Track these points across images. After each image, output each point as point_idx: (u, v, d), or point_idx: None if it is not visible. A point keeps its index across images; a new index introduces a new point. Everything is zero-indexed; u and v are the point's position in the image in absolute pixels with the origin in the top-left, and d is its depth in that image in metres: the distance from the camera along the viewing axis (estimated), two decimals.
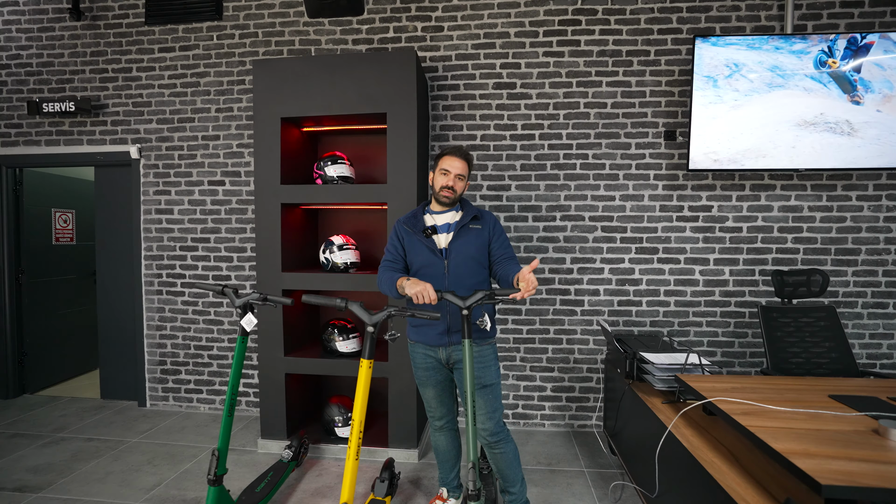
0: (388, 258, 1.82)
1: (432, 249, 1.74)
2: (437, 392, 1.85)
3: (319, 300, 1.30)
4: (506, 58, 2.78)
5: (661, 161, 2.71)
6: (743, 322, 2.72)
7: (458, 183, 1.75)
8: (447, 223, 1.80)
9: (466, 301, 1.51)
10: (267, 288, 2.48)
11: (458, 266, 1.73)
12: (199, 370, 3.11)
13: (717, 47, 2.45)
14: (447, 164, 1.76)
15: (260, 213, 2.48)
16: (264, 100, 2.45)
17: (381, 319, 1.35)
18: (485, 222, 1.80)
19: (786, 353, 2.15)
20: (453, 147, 1.79)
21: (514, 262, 1.76)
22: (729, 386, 1.69)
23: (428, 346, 1.80)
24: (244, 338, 1.67)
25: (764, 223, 2.68)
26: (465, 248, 1.75)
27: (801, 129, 2.46)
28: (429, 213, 1.85)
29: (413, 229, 1.78)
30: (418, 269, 1.77)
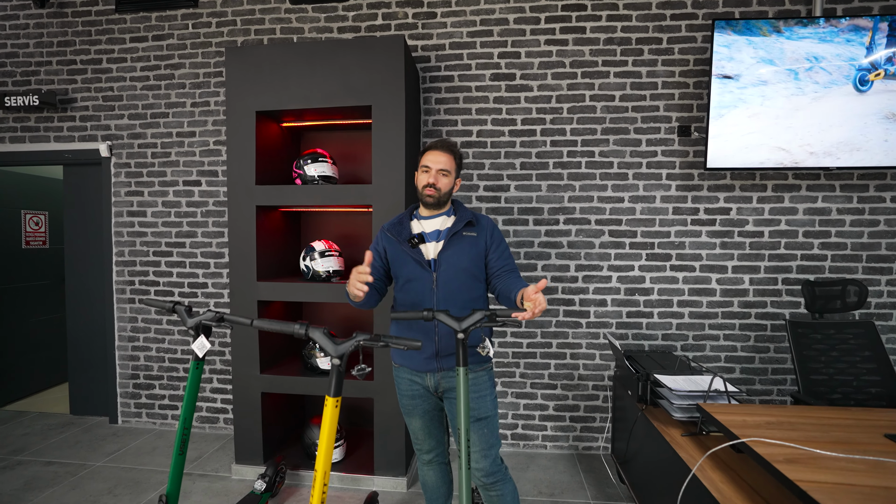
0: None
1: (419, 261, 1.51)
2: (425, 423, 1.61)
3: (273, 326, 1.07)
4: (504, 46, 2.54)
5: (675, 159, 2.47)
6: (764, 336, 2.48)
7: (441, 179, 1.52)
8: (436, 230, 1.56)
9: (462, 322, 1.28)
10: (241, 299, 2.25)
11: (449, 280, 1.50)
12: (174, 385, 2.89)
13: (742, 37, 2.21)
14: (428, 159, 1.53)
15: (233, 217, 2.25)
16: (238, 92, 2.23)
17: (347, 351, 1.11)
18: (481, 228, 1.56)
19: (819, 375, 1.91)
20: (435, 140, 1.55)
21: (516, 276, 1.53)
22: (762, 419, 1.46)
23: (413, 371, 1.56)
24: (198, 363, 1.43)
25: (788, 227, 2.43)
26: (458, 259, 1.51)
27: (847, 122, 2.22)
28: (416, 219, 1.61)
29: (398, 237, 1.55)
30: (404, 283, 1.53)
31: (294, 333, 1.09)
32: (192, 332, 1.40)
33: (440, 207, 1.57)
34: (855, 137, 2.21)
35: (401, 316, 1.29)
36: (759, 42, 2.21)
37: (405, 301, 1.53)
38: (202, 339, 1.39)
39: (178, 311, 1.42)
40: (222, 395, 2.85)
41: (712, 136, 2.28)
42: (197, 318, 1.40)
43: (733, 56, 2.23)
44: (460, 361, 1.29)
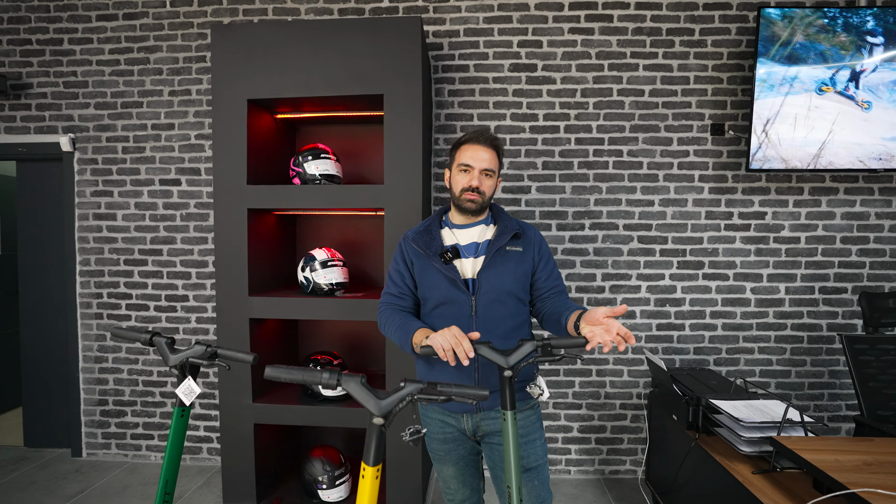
0: (390, 290, 1.34)
1: (454, 280, 1.24)
2: (459, 470, 1.35)
3: (292, 375, 0.78)
4: (524, 34, 2.32)
5: (708, 160, 2.30)
6: (801, 348, 2.32)
7: (484, 182, 1.26)
8: (474, 242, 1.30)
9: (510, 357, 1.04)
10: (229, 316, 1.95)
11: (490, 304, 1.24)
12: (149, 411, 2.54)
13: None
14: (468, 156, 1.25)
15: (220, 221, 1.95)
16: (226, 77, 1.93)
17: (393, 408, 0.83)
18: (528, 242, 1.31)
19: (883, 397, 1.75)
20: (475, 132, 1.28)
21: (566, 298, 1.30)
22: (857, 458, 1.27)
23: (447, 411, 1.31)
24: (182, 410, 1.13)
25: (825, 233, 2.29)
26: (502, 280, 1.25)
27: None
28: (448, 227, 1.34)
29: (426, 250, 1.27)
30: (435, 306, 1.27)
31: (323, 385, 0.82)
32: (175, 373, 1.09)
33: (479, 214, 1.31)
34: None
35: (431, 352, 1.03)
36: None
37: (434, 329, 1.23)
38: (189, 383, 1.09)
39: (157, 345, 1.12)
40: (206, 421, 2.52)
41: (754, 135, 2.11)
42: (182, 354, 1.10)
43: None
44: (507, 404, 1.04)
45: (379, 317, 1.31)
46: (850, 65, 2.05)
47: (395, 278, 1.33)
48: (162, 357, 1.11)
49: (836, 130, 2.09)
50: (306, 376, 0.83)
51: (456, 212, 1.33)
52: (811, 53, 2.05)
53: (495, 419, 1.28)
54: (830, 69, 2.06)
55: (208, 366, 1.08)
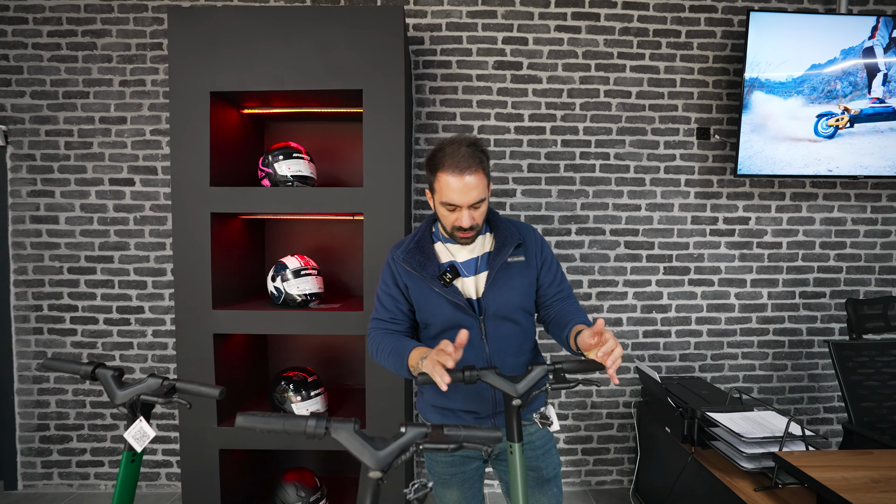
0: (380, 315, 1.19)
1: (458, 304, 1.10)
2: (464, 493, 1.24)
3: (271, 424, 0.64)
4: (509, 30, 2.22)
5: (694, 164, 2.27)
6: (782, 353, 2.34)
7: (476, 213, 1.08)
8: (472, 258, 1.17)
9: (519, 384, 0.94)
10: (191, 332, 1.75)
11: (499, 324, 1.13)
12: (98, 435, 2.29)
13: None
14: (452, 192, 1.03)
15: (180, 226, 1.75)
16: (186, 66, 1.73)
17: (394, 461, 0.69)
18: (529, 249, 1.19)
19: (869, 403, 1.75)
20: (453, 153, 1.03)
21: (573, 303, 1.20)
22: (863, 474, 1.23)
23: None
24: (132, 456, 0.95)
25: (805, 238, 2.31)
26: (509, 296, 1.13)
27: None
28: (441, 241, 1.19)
29: (421, 272, 1.12)
30: (439, 332, 1.14)
31: (309, 435, 0.68)
32: (124, 413, 0.91)
33: (474, 240, 1.16)
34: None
35: (429, 380, 0.90)
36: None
37: None
38: (141, 425, 0.90)
39: (101, 379, 0.93)
40: (165, 444, 2.30)
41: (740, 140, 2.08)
42: (132, 390, 0.92)
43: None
44: (515, 435, 0.94)
45: (369, 344, 1.18)
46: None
47: (385, 303, 1.18)
48: (107, 394, 0.92)
49: (818, 138, 2.10)
50: (288, 425, 0.68)
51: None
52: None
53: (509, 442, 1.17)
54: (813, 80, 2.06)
55: (165, 403, 0.91)
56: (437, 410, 1.23)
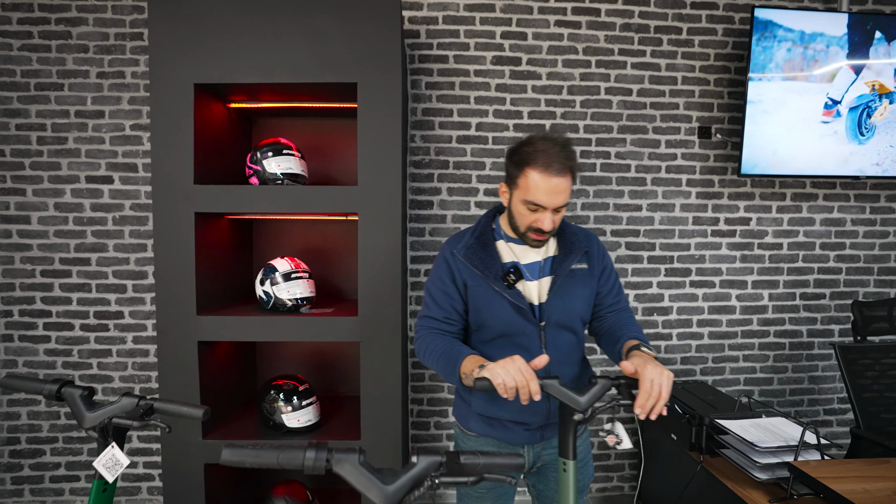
0: (433, 314, 1.12)
1: (521, 308, 1.05)
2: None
3: (263, 458, 0.54)
4: (508, 25, 2.15)
5: (695, 163, 2.23)
6: (783, 355, 2.31)
7: (557, 218, 1.04)
8: (535, 262, 1.11)
9: (583, 396, 0.86)
10: (174, 339, 1.64)
11: (559, 333, 1.08)
12: (74, 448, 2.16)
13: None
14: (541, 193, 0.98)
15: (162, 227, 1.64)
16: (168, 57, 1.62)
17: (406, 496, 0.60)
18: (592, 256, 1.15)
19: (876, 407, 1.72)
20: (547, 150, 0.97)
21: (629, 317, 1.15)
22: (885, 486, 1.18)
23: (502, 442, 1.16)
24: (103, 485, 0.84)
25: (805, 239, 2.28)
26: (572, 305, 1.09)
27: None
28: (503, 240, 1.14)
29: (484, 271, 1.06)
30: (496, 337, 1.09)
31: (307, 470, 0.58)
32: (94, 437, 0.80)
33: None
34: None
35: (488, 385, 0.84)
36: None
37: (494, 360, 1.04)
38: (113, 452, 0.80)
39: (68, 399, 0.82)
40: (146, 456, 2.18)
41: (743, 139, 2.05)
42: (103, 412, 0.81)
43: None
44: (570, 453, 0.87)
45: (417, 342, 1.11)
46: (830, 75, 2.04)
47: (439, 300, 1.11)
48: (75, 417, 0.82)
49: (819, 138, 2.07)
50: (283, 458, 0.59)
51: (512, 228, 1.12)
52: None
53: (556, 448, 1.13)
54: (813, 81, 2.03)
55: (141, 427, 0.81)
56: (483, 420, 1.16)
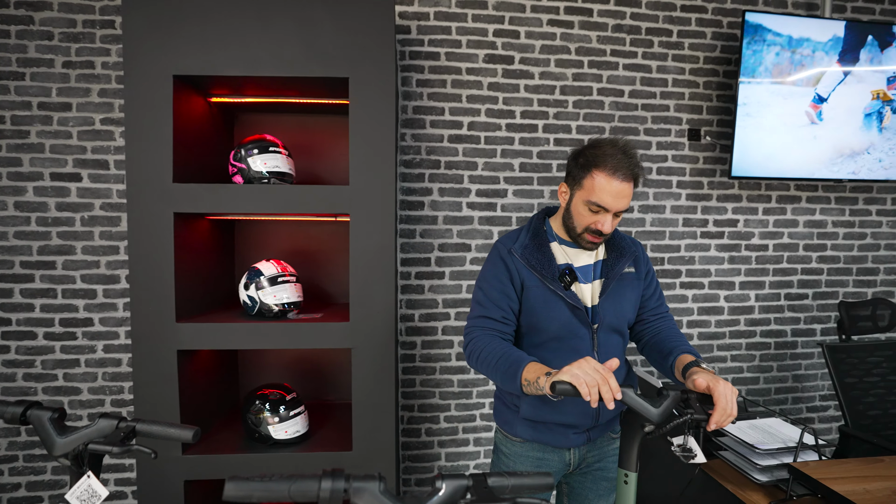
0: (490, 314, 1.09)
1: (577, 309, 1.07)
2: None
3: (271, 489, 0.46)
4: (501, 23, 2.11)
5: (685, 165, 2.24)
6: (768, 355, 2.35)
7: (615, 222, 1.07)
8: (587, 265, 1.14)
9: (656, 408, 0.84)
10: (150, 348, 1.53)
11: (609, 336, 1.11)
12: (36, 467, 2.01)
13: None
14: (606, 195, 1.00)
15: (137, 228, 1.53)
16: (144, 46, 1.51)
17: None
18: (640, 260, 1.18)
19: (862, 405, 1.76)
20: (615, 154, 1.00)
21: (674, 325, 1.18)
22: (883, 485, 1.19)
23: (549, 446, 1.16)
24: None
25: (790, 240, 2.33)
26: (623, 308, 1.12)
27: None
28: (556, 241, 1.15)
29: (542, 271, 1.07)
30: (549, 339, 1.09)
31: (323, 501, 0.52)
32: (67, 466, 0.70)
33: None
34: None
35: (570, 390, 0.82)
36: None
37: (548, 364, 1.01)
38: (90, 482, 0.71)
39: (34, 422, 0.72)
40: (118, 473, 2.05)
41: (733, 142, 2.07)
42: (77, 436, 0.72)
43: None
44: (634, 465, 0.86)
45: (469, 344, 1.08)
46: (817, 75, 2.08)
47: (496, 299, 1.09)
48: (44, 443, 0.72)
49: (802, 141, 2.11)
50: (295, 489, 0.53)
51: (565, 229, 1.14)
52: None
53: (601, 447, 1.19)
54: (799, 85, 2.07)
55: (121, 453, 0.72)
56: (530, 424, 1.16)
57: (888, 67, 2.09)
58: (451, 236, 2.16)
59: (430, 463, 2.20)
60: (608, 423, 1.18)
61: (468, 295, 2.17)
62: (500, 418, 1.25)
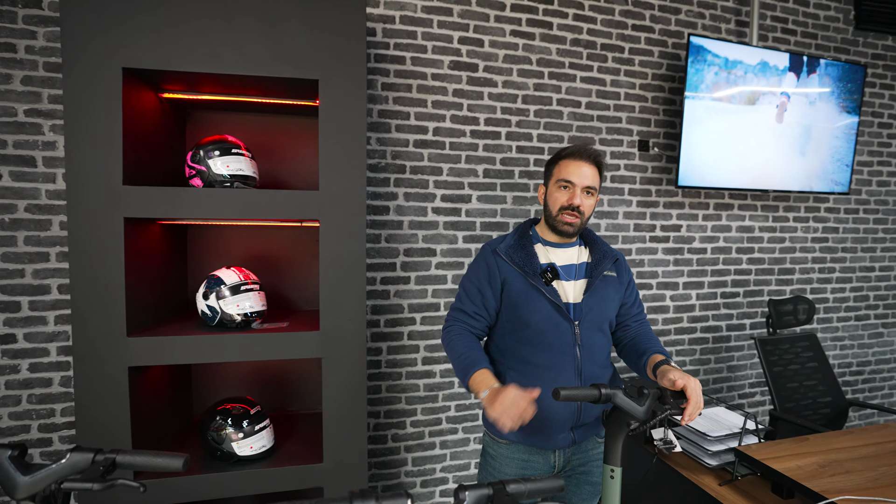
0: (464, 307, 1.24)
1: (557, 305, 1.16)
2: None
3: None
4: (465, 30, 2.15)
5: (636, 174, 2.40)
6: (707, 349, 2.57)
7: (586, 201, 1.19)
8: (571, 264, 1.24)
9: (642, 407, 0.91)
10: (98, 366, 1.40)
11: (592, 333, 1.20)
12: None
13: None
14: (570, 172, 1.18)
15: (80, 234, 1.39)
16: (87, 34, 1.37)
17: None
18: (620, 267, 1.29)
19: (786, 391, 1.98)
20: (577, 146, 1.20)
21: (650, 329, 1.30)
22: (811, 461, 1.35)
23: (534, 449, 1.23)
24: None
25: (725, 244, 2.57)
26: (605, 306, 1.22)
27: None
28: (541, 243, 1.26)
29: (525, 269, 1.18)
30: (532, 334, 1.17)
31: None
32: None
33: (575, 235, 1.26)
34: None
35: (573, 395, 0.89)
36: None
37: (531, 359, 1.19)
38: None
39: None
40: None
41: (678, 153, 2.24)
42: (45, 473, 0.62)
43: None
44: (618, 459, 0.92)
45: (445, 333, 1.25)
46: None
47: (472, 295, 1.23)
48: (2, 483, 0.62)
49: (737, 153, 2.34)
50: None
51: (548, 228, 1.27)
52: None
53: (586, 451, 1.25)
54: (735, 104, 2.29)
55: (103, 489, 0.64)
56: None
57: (807, 90, 2.37)
58: (416, 241, 2.16)
59: (397, 469, 2.18)
60: (593, 425, 1.24)
61: (434, 299, 2.18)
62: (487, 421, 1.30)
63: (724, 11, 2.46)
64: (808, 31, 2.58)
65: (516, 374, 1.21)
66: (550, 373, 1.18)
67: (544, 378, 1.17)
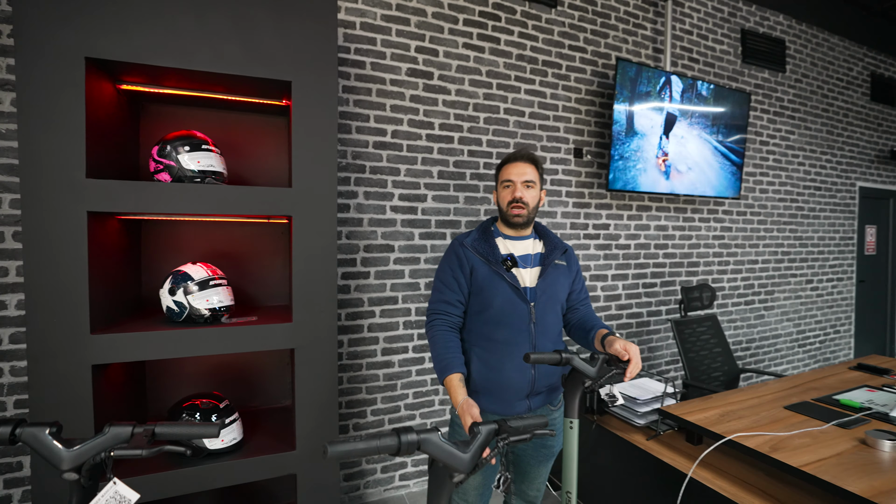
0: (446, 297, 1.39)
1: (516, 288, 1.34)
2: (485, 478, 1.39)
3: (363, 446, 0.54)
4: (422, 40, 2.29)
5: (572, 178, 2.69)
6: (632, 332, 2.94)
7: (527, 193, 1.38)
8: (527, 254, 1.43)
9: (594, 368, 1.11)
10: (57, 366, 1.35)
11: (545, 312, 1.38)
12: None
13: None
14: (509, 172, 1.40)
15: (37, 228, 1.33)
16: (44, 20, 1.33)
17: (478, 461, 0.71)
18: (569, 258, 1.48)
19: (695, 363, 2.36)
20: (514, 152, 1.44)
21: (593, 310, 1.50)
22: (715, 413, 1.67)
23: (497, 415, 1.37)
24: None
25: (645, 241, 2.95)
26: (556, 290, 1.40)
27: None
28: (501, 237, 1.45)
29: (488, 257, 1.37)
30: (495, 313, 1.34)
31: (403, 450, 0.63)
32: (75, 479, 0.65)
33: (527, 227, 1.44)
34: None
35: (540, 359, 1.07)
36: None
37: (493, 336, 1.36)
38: (118, 488, 0.67)
39: (29, 441, 0.66)
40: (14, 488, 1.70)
41: (605, 160, 2.56)
42: (91, 445, 0.67)
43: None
44: (576, 412, 1.11)
45: (429, 326, 1.38)
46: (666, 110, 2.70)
47: (450, 284, 1.39)
48: (47, 458, 0.65)
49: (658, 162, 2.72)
50: (381, 445, 0.63)
51: (504, 224, 1.45)
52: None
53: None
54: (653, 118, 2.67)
55: (150, 455, 0.69)
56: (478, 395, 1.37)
57: (707, 109, 2.82)
58: (375, 237, 2.26)
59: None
60: (547, 393, 1.42)
61: (393, 293, 2.30)
62: None
63: (644, 39, 2.84)
64: (707, 61, 3.06)
65: (480, 351, 1.37)
66: (510, 347, 1.35)
67: (504, 353, 1.35)
